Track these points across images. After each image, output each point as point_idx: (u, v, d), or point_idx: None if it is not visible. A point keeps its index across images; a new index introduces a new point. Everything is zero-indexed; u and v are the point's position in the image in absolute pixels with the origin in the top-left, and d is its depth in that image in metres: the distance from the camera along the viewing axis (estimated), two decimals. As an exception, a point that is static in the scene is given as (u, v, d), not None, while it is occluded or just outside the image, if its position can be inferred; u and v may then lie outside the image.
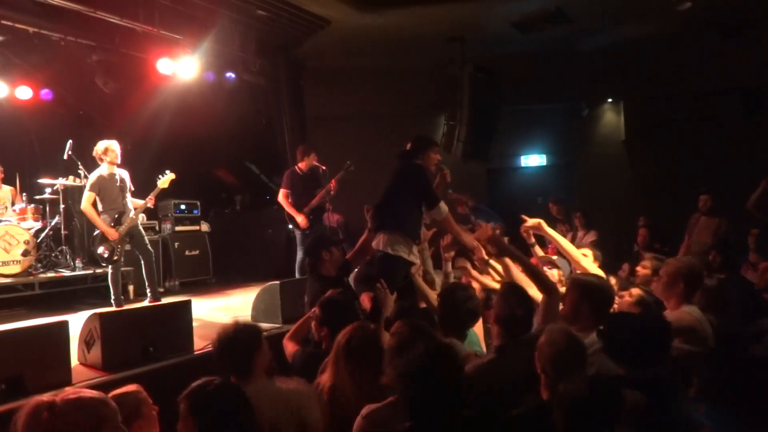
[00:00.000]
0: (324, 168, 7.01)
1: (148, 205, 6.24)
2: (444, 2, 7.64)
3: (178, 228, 8.25)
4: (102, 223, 5.84)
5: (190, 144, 8.77)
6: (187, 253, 8.20)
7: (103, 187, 5.89)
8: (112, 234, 5.84)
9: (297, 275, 6.71)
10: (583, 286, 2.92)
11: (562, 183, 10.05)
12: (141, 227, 6.32)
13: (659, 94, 9.48)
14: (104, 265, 6.13)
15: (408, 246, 4.02)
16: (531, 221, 3.99)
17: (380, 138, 8.52)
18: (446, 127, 9.38)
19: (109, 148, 5.95)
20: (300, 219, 6.75)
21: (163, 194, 7.16)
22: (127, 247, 6.15)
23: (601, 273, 3.63)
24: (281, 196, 6.90)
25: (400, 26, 8.28)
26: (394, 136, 4.35)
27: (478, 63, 9.02)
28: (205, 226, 8.65)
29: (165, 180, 6.22)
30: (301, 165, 7.01)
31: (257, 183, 9.56)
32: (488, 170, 10.06)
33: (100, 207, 5.90)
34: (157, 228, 8.04)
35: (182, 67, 7.35)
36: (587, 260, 3.87)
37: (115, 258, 5.92)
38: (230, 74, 7.99)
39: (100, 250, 5.92)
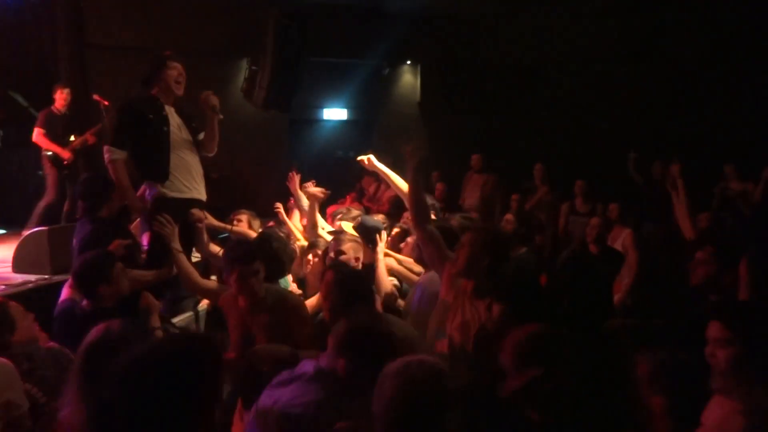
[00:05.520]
0: (106, 103, 6.32)
1: None
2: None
3: None
4: None
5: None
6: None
7: None
8: None
9: (64, 221, 6.07)
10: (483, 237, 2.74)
11: (362, 138, 10.37)
12: None
13: (452, 62, 10.16)
14: None
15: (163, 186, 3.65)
16: (363, 156, 3.81)
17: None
18: (248, 72, 9.06)
19: None
20: (66, 155, 6.20)
21: None
22: None
23: None
24: (37, 136, 6.19)
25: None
26: (191, 75, 3.92)
27: (285, 8, 8.78)
28: (-44, 165, 7.31)
29: None
30: (57, 105, 6.36)
31: (24, 116, 8.27)
32: (290, 120, 9.97)
33: None
34: None
35: None
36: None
37: None
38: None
39: None
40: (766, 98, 8.00)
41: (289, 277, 3.82)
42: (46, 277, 4.40)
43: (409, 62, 10.64)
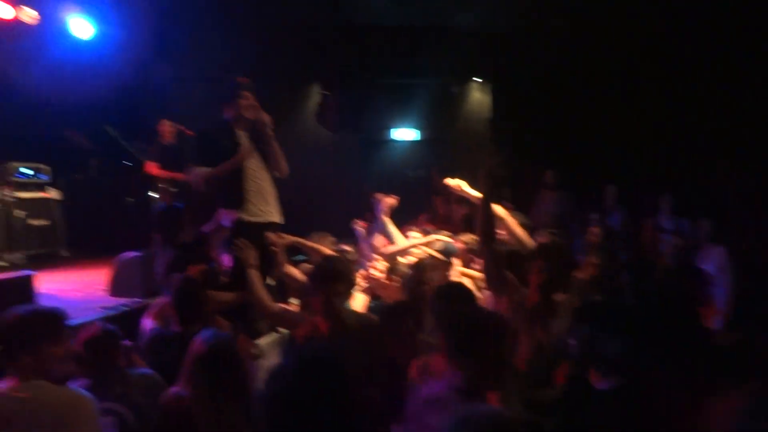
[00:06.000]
0: (190, 133, 6.66)
1: None
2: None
3: (20, 194, 7.37)
4: None
5: (35, 101, 7.88)
6: (33, 222, 7.40)
7: None
8: None
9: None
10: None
11: (432, 157, 10.35)
12: None
13: (523, 77, 10.01)
14: None
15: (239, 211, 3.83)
16: (453, 181, 3.73)
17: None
18: (320, 97, 9.30)
19: None
20: (184, 177, 6.18)
21: (2, 156, 6.44)
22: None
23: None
24: (152, 168, 6.58)
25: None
26: (264, 102, 4.06)
27: (352, 32, 8.98)
28: (54, 193, 7.86)
29: None
30: (165, 137, 6.73)
31: (115, 146, 8.83)
32: (360, 141, 10.12)
33: None
34: (-5, 195, 7.15)
35: (27, 14, 6.60)
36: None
37: None
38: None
39: None
40: None
41: (357, 300, 3.81)
42: (139, 300, 4.66)
43: (478, 79, 10.59)
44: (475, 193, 3.59)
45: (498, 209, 3.51)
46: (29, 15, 6.87)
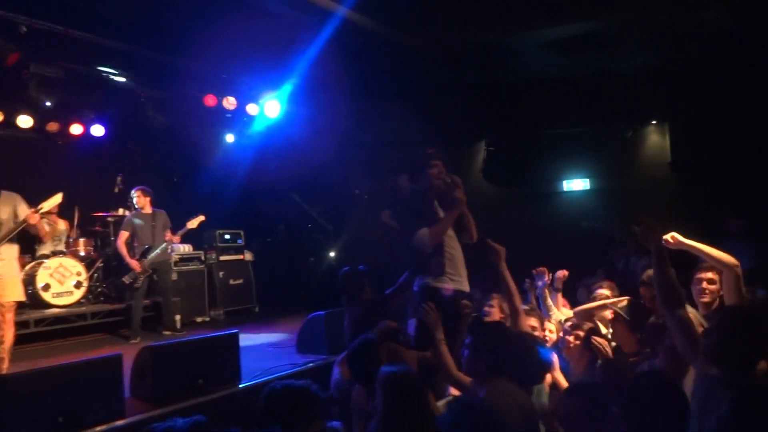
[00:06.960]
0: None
1: (174, 242, 6.89)
2: (480, 26, 7.62)
3: (222, 257, 8.37)
4: (127, 255, 6.56)
5: (233, 174, 8.95)
6: (231, 282, 8.30)
7: (135, 226, 6.64)
8: (136, 265, 6.51)
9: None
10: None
11: (607, 207, 9.82)
12: (169, 265, 6.99)
13: (704, 114, 9.21)
14: (127, 293, 6.80)
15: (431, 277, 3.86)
16: (669, 234, 3.29)
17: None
18: (486, 153, 9.35)
19: (134, 197, 6.72)
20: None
21: (208, 224, 7.36)
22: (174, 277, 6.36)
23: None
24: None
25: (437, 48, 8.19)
26: None
27: (517, 87, 8.98)
28: (248, 255, 8.76)
29: (194, 221, 6.87)
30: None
31: (299, 211, 9.65)
32: (530, 195, 9.92)
33: (134, 243, 6.70)
34: (202, 258, 8.17)
35: (228, 102, 7.61)
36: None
37: (136, 286, 6.54)
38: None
39: (124, 278, 6.61)
40: None
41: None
42: (324, 357, 4.94)
43: (654, 122, 9.94)
44: (692, 243, 3.29)
45: (708, 249, 3.23)
46: (229, 102, 7.93)
